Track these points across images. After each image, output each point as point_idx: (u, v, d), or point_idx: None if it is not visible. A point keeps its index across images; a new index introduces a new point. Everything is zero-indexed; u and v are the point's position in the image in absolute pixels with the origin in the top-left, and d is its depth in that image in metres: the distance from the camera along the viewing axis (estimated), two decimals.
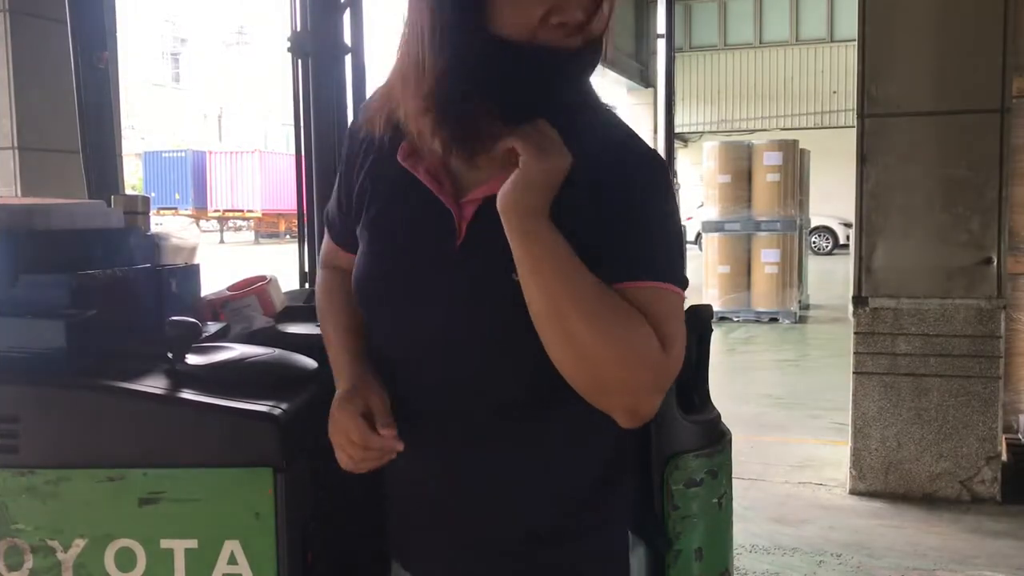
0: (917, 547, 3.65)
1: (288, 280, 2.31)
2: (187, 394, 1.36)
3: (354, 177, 1.23)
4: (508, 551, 1.18)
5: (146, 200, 1.99)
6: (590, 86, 1.15)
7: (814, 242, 20.00)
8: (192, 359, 1.44)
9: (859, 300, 4.22)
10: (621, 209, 1.07)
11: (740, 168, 10.11)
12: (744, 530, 3.76)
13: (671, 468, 1.29)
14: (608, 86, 17.33)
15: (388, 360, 1.21)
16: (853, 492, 4.27)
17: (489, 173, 1.08)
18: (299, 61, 2.63)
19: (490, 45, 1.03)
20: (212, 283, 1.95)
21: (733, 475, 1.41)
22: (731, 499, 1.39)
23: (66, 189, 3.88)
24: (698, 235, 14.04)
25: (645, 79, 18.30)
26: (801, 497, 4.30)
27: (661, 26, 9.03)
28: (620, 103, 17.80)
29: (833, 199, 17.59)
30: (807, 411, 6.07)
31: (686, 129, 21.75)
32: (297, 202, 2.89)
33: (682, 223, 1.23)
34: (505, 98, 1.04)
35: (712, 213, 10.27)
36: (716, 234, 10.21)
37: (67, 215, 1.66)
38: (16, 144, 4.12)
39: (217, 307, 1.83)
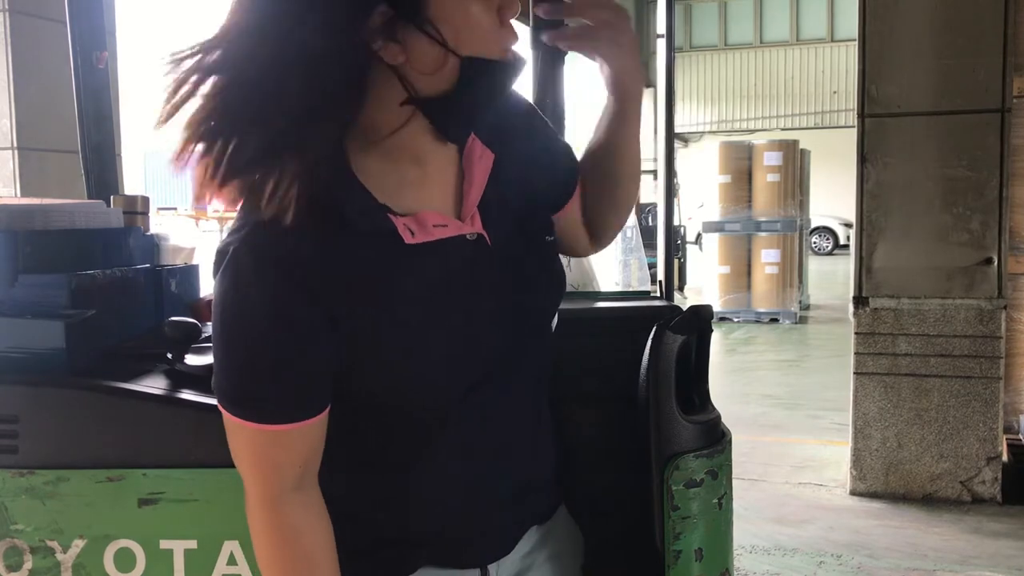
0: (917, 547, 3.65)
1: None
2: (187, 394, 1.36)
3: (330, 318, 0.96)
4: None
5: (146, 200, 1.99)
6: None
7: (814, 242, 19.99)
8: (192, 359, 1.44)
9: (859, 300, 4.22)
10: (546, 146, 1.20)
11: (740, 168, 10.10)
12: (744, 530, 3.76)
13: (671, 468, 1.29)
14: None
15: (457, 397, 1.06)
16: (853, 492, 4.26)
17: (447, 183, 1.06)
18: None
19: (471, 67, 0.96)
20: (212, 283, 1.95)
21: (733, 475, 1.40)
22: (731, 499, 1.38)
23: (66, 189, 3.88)
24: (698, 235, 14.01)
25: (645, 79, 18.29)
26: (801, 497, 4.30)
27: (661, 26, 8.91)
28: None
29: (833, 199, 17.60)
30: (807, 411, 6.06)
31: (686, 129, 21.76)
32: None
33: None
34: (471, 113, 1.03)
35: (712, 213, 10.26)
36: (716, 234, 10.20)
37: (67, 215, 1.66)
38: (16, 144, 4.12)
39: None
